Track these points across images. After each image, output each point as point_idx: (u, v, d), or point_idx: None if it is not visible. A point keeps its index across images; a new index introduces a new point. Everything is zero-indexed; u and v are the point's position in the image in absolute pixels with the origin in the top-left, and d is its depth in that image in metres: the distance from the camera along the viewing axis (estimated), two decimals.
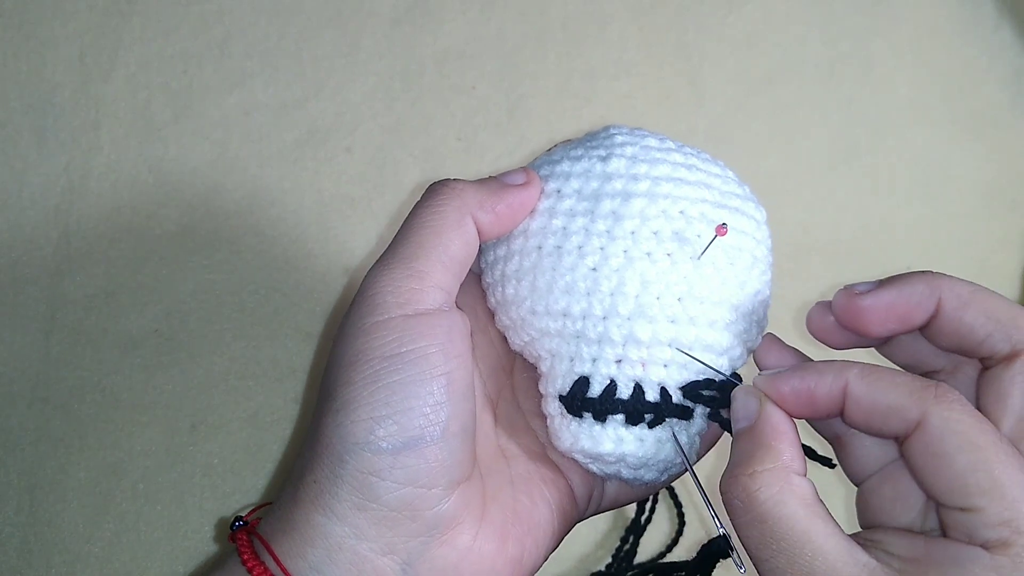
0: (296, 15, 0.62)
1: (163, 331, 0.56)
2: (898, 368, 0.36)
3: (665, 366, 0.38)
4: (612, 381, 0.38)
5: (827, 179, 0.63)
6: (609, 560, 0.52)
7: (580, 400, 0.38)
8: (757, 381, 0.36)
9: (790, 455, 0.34)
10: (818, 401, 0.34)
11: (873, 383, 0.33)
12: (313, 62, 0.61)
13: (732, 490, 0.33)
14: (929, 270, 0.36)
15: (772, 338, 0.39)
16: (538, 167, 0.42)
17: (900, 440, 0.32)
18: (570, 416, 0.39)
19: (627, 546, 0.51)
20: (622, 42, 0.64)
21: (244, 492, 0.54)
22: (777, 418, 0.35)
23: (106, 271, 0.57)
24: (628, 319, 0.38)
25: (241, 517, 0.39)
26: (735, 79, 0.64)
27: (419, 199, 0.39)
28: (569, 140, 0.44)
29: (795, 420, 0.35)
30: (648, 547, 0.54)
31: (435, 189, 0.39)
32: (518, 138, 0.61)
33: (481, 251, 0.41)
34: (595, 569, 0.53)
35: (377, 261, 0.38)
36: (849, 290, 0.36)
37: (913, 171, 0.64)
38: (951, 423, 0.31)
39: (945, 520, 0.31)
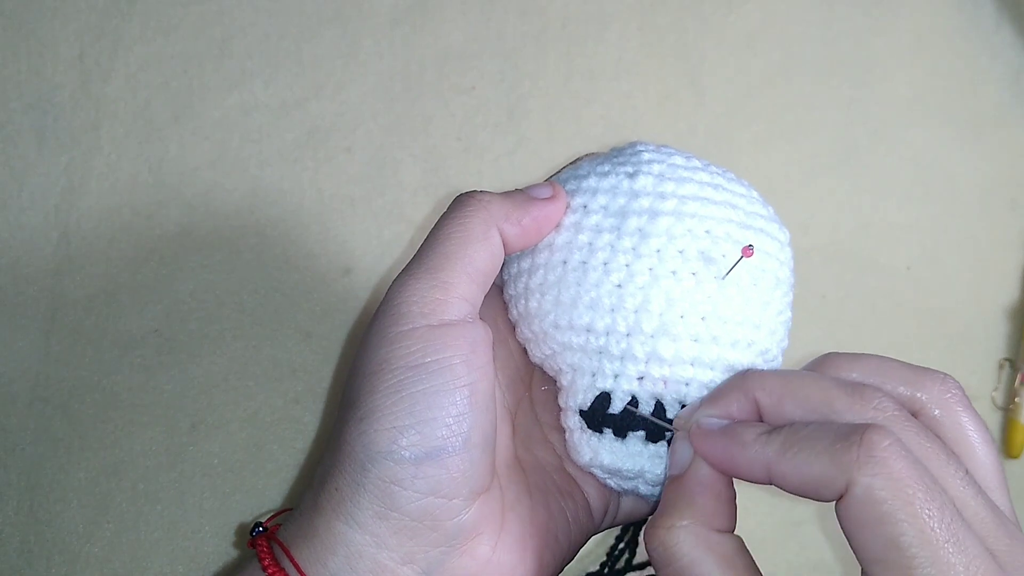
0: (296, 15, 0.62)
1: (163, 331, 0.56)
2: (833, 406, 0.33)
3: (686, 384, 0.38)
4: (633, 397, 0.38)
5: (827, 179, 0.63)
6: (605, 559, 0.52)
7: (601, 416, 0.38)
8: (691, 431, 0.35)
9: (712, 510, 0.33)
10: (740, 471, 0.33)
11: (794, 457, 0.31)
12: (313, 62, 0.61)
13: (651, 542, 0.33)
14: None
15: (732, 386, 0.36)
16: (564, 181, 0.42)
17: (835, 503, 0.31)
18: (590, 431, 0.39)
19: (622, 545, 0.51)
20: (622, 42, 0.64)
21: (244, 492, 0.54)
22: (705, 471, 0.34)
23: (106, 271, 0.57)
24: (652, 336, 0.38)
25: (261, 523, 0.39)
26: (735, 79, 0.64)
27: (445, 210, 0.39)
28: (594, 154, 0.44)
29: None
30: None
31: (461, 200, 0.39)
32: (518, 138, 0.61)
33: (504, 263, 0.41)
34: (593, 568, 0.53)
35: (402, 271, 0.38)
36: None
37: (913, 171, 0.64)
38: (874, 492, 0.29)
39: None
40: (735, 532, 0.34)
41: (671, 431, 0.38)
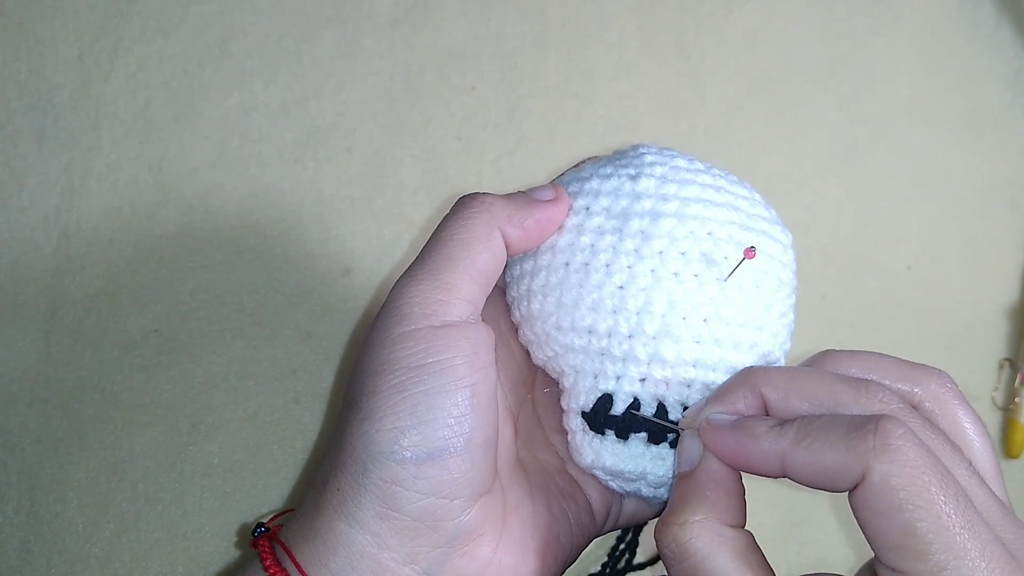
0: (296, 15, 0.62)
1: (163, 331, 0.56)
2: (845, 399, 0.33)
3: (688, 385, 0.38)
4: (636, 399, 0.38)
5: (827, 179, 0.63)
6: (606, 559, 0.52)
7: (603, 417, 0.38)
8: (701, 428, 0.35)
9: (724, 505, 0.33)
10: (753, 465, 0.33)
11: (808, 447, 0.31)
12: (313, 62, 0.61)
13: (664, 539, 0.33)
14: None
15: (737, 382, 0.36)
16: (566, 183, 0.42)
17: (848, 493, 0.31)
18: (592, 433, 0.39)
19: (623, 546, 0.51)
20: (622, 42, 0.64)
21: (244, 492, 0.54)
22: (716, 467, 0.34)
23: (106, 271, 0.57)
24: (654, 338, 0.38)
25: (263, 523, 0.39)
26: (735, 79, 0.64)
27: (448, 212, 0.39)
28: (597, 157, 0.44)
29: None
30: (647, 547, 0.54)
31: (464, 202, 0.39)
32: (518, 138, 0.61)
33: (507, 265, 0.41)
34: (594, 570, 0.53)
35: (405, 272, 0.38)
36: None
37: (913, 171, 0.64)
38: (891, 479, 0.29)
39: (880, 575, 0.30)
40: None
41: (674, 432, 0.38)
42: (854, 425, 0.31)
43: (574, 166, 0.44)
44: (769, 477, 0.33)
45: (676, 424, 0.38)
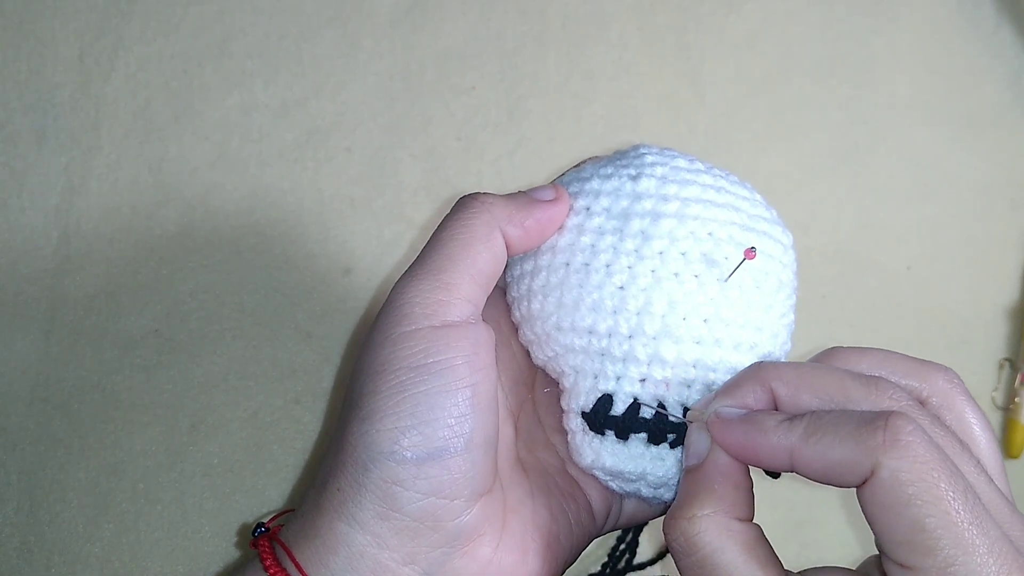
0: (296, 15, 0.62)
1: (163, 331, 0.56)
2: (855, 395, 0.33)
3: (688, 386, 0.38)
4: (635, 400, 0.38)
5: (827, 179, 0.63)
6: (606, 559, 0.52)
7: (603, 418, 0.38)
8: (710, 421, 0.35)
9: (733, 499, 0.33)
10: (762, 459, 0.33)
11: (818, 442, 0.31)
12: (313, 62, 0.61)
13: (672, 533, 0.33)
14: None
15: (747, 376, 0.36)
16: (567, 183, 0.42)
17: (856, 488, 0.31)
18: (592, 433, 0.39)
19: (623, 546, 0.51)
20: (622, 42, 0.64)
21: (244, 492, 0.54)
22: (724, 460, 0.34)
23: (106, 271, 0.57)
24: (654, 339, 0.38)
25: (263, 523, 0.39)
26: (735, 79, 0.64)
27: (448, 212, 0.40)
28: (597, 157, 0.44)
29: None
30: (647, 548, 0.54)
31: (464, 202, 0.39)
32: (518, 138, 0.61)
33: (507, 265, 0.41)
34: (594, 570, 0.53)
35: (405, 272, 0.38)
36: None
37: (913, 171, 0.64)
38: (900, 475, 0.29)
39: (887, 571, 0.31)
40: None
41: (674, 433, 0.38)
42: (864, 421, 0.31)
43: (575, 166, 0.44)
44: (776, 471, 0.33)
45: (683, 419, 0.37)
